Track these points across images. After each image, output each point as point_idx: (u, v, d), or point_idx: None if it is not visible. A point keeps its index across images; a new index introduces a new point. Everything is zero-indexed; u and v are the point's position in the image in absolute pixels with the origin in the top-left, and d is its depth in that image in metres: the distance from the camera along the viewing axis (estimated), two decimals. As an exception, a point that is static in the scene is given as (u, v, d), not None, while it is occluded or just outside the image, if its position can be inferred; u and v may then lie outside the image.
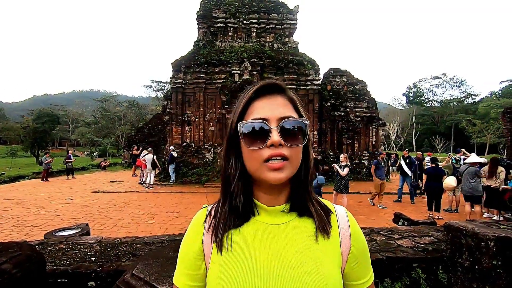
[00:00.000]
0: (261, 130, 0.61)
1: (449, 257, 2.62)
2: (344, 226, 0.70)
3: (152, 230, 6.23)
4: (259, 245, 0.65)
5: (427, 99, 66.27)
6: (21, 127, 35.65)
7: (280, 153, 0.60)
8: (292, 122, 0.62)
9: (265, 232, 0.66)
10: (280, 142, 0.60)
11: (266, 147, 0.60)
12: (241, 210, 0.66)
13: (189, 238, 0.71)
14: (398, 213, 5.42)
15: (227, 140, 0.68)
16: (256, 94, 0.65)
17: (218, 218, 0.68)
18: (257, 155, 0.61)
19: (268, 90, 0.65)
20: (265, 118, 0.62)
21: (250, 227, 0.67)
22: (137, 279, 1.77)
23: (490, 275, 2.13)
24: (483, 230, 2.31)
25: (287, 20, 15.13)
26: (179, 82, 14.16)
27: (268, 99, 0.64)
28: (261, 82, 0.65)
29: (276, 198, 0.68)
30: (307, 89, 14.40)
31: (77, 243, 3.16)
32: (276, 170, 0.60)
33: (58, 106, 62.42)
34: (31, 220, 7.08)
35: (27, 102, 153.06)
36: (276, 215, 0.68)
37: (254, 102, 0.65)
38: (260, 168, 0.61)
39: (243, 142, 0.63)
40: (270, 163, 0.60)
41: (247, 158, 0.64)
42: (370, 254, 2.34)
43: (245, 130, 0.62)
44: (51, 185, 13.45)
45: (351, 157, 15.40)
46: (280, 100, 0.65)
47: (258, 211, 0.68)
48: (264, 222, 0.67)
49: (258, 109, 0.63)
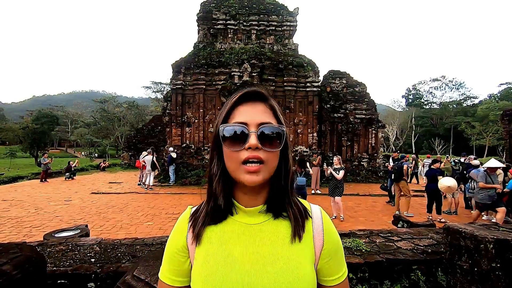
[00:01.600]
0: (241, 134, 0.66)
1: (449, 259, 2.63)
2: (317, 224, 0.75)
3: (152, 231, 6.22)
4: (236, 243, 0.70)
5: (426, 101, 66.42)
6: (20, 127, 35.64)
7: (257, 156, 0.65)
8: (270, 128, 0.67)
9: (243, 231, 0.71)
10: (257, 145, 0.64)
11: (244, 149, 0.65)
12: (221, 208, 0.71)
13: (174, 236, 0.76)
14: (398, 215, 5.44)
15: (211, 142, 0.73)
16: (240, 100, 0.70)
17: (198, 215, 0.74)
18: (235, 156, 0.66)
19: (251, 97, 0.70)
20: (245, 123, 0.67)
21: (229, 226, 0.72)
22: (138, 280, 1.77)
23: (489, 277, 2.13)
24: (482, 233, 2.32)
25: (287, 22, 15.18)
26: (179, 84, 14.18)
27: (250, 106, 0.69)
28: (245, 90, 0.70)
29: (254, 199, 0.72)
30: (306, 91, 14.43)
31: (76, 244, 3.16)
32: (253, 173, 0.64)
33: (58, 107, 62.40)
34: (30, 221, 7.06)
35: (26, 102, 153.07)
36: (253, 215, 0.72)
37: (238, 107, 0.69)
38: (238, 169, 0.66)
39: (224, 144, 0.67)
40: (247, 166, 0.64)
41: (226, 159, 0.68)
42: (369, 256, 2.35)
43: (226, 133, 0.67)
44: (50, 186, 13.43)
45: (350, 159, 15.43)
46: (261, 107, 0.70)
47: (237, 211, 0.73)
48: (242, 222, 0.72)
49: (240, 114, 0.68)
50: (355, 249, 3.01)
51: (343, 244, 3.06)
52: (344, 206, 7.22)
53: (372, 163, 15.68)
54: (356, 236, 3.47)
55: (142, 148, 17.80)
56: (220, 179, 0.70)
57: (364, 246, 3.05)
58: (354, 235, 3.49)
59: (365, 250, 2.96)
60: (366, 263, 2.71)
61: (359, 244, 3.08)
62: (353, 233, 3.61)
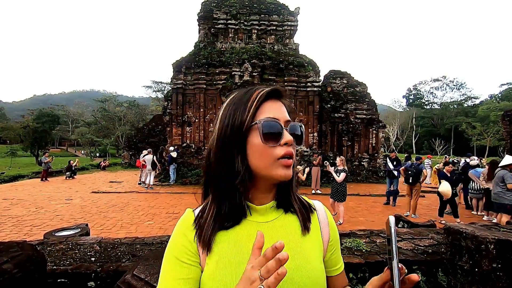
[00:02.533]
0: (277, 129, 0.65)
1: (449, 260, 2.62)
2: (323, 218, 0.78)
3: (152, 230, 6.23)
4: (250, 243, 0.65)
5: (427, 102, 66.40)
6: (21, 126, 35.64)
7: (291, 152, 0.65)
8: (297, 125, 0.70)
9: (255, 230, 0.68)
10: (292, 141, 0.66)
11: (279, 145, 0.64)
12: (235, 212, 0.67)
13: (179, 242, 0.68)
14: (398, 215, 5.42)
15: (230, 138, 0.66)
16: (266, 97, 0.68)
17: (205, 220, 0.68)
18: (271, 152, 0.64)
19: (274, 94, 0.70)
20: (277, 119, 0.66)
21: (242, 227, 0.69)
22: (138, 279, 1.77)
23: (490, 277, 2.13)
24: (483, 233, 2.32)
25: (288, 22, 15.17)
26: (179, 83, 14.18)
27: (273, 102, 0.69)
28: (270, 87, 0.69)
29: (266, 197, 0.72)
30: (307, 90, 14.43)
31: (77, 243, 3.16)
32: (287, 167, 0.65)
33: (58, 106, 62.34)
34: (30, 220, 7.07)
35: (27, 101, 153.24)
36: (265, 213, 0.71)
37: (264, 104, 0.67)
38: (273, 164, 0.64)
39: (262, 139, 0.64)
40: (284, 161, 0.64)
41: (259, 155, 0.65)
42: (370, 256, 2.35)
43: (265, 129, 0.64)
44: (51, 185, 13.44)
45: (350, 159, 15.41)
46: (281, 104, 0.70)
47: (251, 211, 0.70)
48: (255, 221, 0.70)
49: (270, 110, 0.67)
50: (356, 249, 3.01)
51: (344, 244, 3.07)
52: (345, 206, 7.16)
53: (372, 163, 15.67)
54: (357, 236, 3.47)
55: (142, 147, 17.79)
56: (245, 178, 0.66)
57: (364, 246, 3.05)
58: (355, 235, 3.49)
59: (366, 250, 2.96)
60: (367, 263, 2.70)
61: (360, 244, 3.08)
62: (353, 233, 3.60)
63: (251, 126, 0.65)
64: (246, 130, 0.65)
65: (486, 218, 7.48)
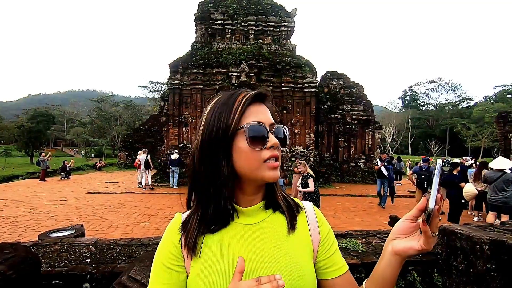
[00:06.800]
0: (263, 133, 0.66)
1: (444, 260, 2.64)
2: (312, 217, 0.77)
3: (148, 231, 6.19)
4: (237, 245, 0.68)
5: (422, 103, 66.90)
6: (16, 126, 35.34)
7: (277, 155, 0.67)
8: (282, 128, 0.71)
9: (243, 232, 0.70)
10: (278, 144, 0.67)
11: (265, 148, 0.65)
12: (221, 215, 0.68)
13: (165, 247, 0.70)
14: (394, 216, 5.44)
15: (215, 142, 0.66)
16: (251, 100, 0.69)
17: (191, 224, 0.69)
18: (258, 156, 0.65)
19: (258, 97, 0.70)
20: (262, 122, 0.66)
21: (228, 230, 0.69)
22: (134, 281, 1.76)
23: (484, 278, 2.15)
24: (477, 234, 2.34)
25: (285, 23, 15.20)
26: (176, 83, 14.14)
27: (258, 106, 0.69)
28: (257, 90, 0.70)
29: (253, 199, 0.72)
30: (304, 91, 14.46)
31: (72, 244, 3.13)
32: (274, 169, 0.66)
33: (54, 106, 61.94)
34: (24, 221, 7.00)
35: (22, 101, 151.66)
36: (252, 215, 0.72)
37: (249, 107, 0.68)
38: (260, 167, 0.65)
39: (248, 143, 0.64)
40: (270, 163, 0.65)
41: (246, 158, 0.65)
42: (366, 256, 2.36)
43: (251, 132, 0.65)
44: (46, 186, 13.32)
45: (347, 159, 15.49)
46: (265, 107, 0.71)
47: (238, 214, 0.71)
48: (242, 223, 0.70)
49: (255, 114, 0.67)
50: (352, 249, 3.02)
51: (340, 245, 3.08)
52: (341, 207, 7.21)
53: (368, 164, 15.75)
54: (353, 236, 3.47)
55: (138, 148, 17.70)
56: (230, 181, 0.66)
57: (360, 246, 3.06)
58: (351, 236, 3.50)
59: (362, 251, 2.97)
60: (363, 264, 2.71)
61: (356, 244, 3.08)
62: (349, 233, 3.61)
63: (237, 130, 0.65)
64: (232, 134, 0.65)
65: (476, 219, 7.54)
